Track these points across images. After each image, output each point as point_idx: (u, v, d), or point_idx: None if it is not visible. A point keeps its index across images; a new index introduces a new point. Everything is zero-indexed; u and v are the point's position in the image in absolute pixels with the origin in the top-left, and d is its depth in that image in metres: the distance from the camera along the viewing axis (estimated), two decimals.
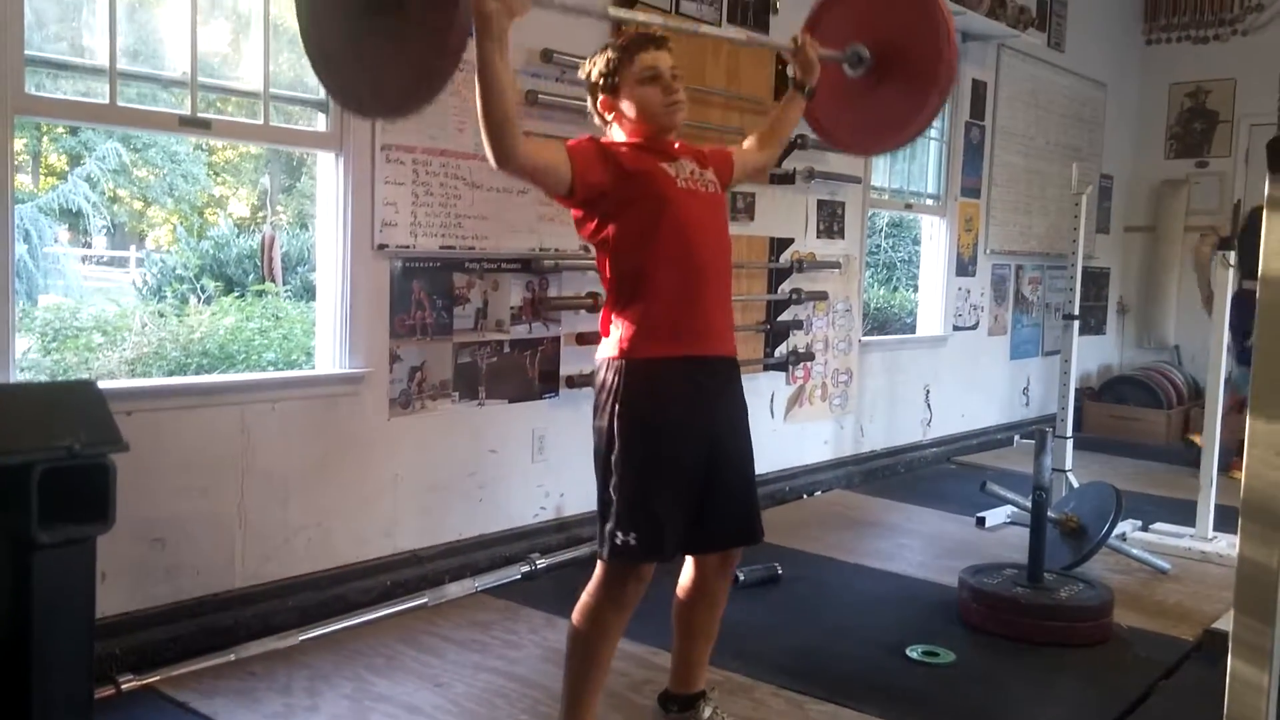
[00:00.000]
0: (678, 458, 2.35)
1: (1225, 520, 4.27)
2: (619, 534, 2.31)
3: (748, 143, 2.85)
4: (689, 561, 2.57)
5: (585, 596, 2.42)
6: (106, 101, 2.94)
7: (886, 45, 2.97)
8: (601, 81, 2.43)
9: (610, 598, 2.38)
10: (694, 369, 2.38)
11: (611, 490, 2.33)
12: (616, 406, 2.33)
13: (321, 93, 3.37)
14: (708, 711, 2.64)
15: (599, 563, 2.40)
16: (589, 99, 2.50)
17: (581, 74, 2.51)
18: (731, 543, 2.53)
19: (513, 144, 2.15)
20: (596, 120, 2.52)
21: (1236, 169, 7.88)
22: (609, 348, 2.39)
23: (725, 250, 2.52)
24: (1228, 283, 4.47)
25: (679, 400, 2.36)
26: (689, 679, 2.65)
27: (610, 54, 2.42)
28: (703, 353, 2.41)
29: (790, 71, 2.95)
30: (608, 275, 2.41)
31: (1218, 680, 1.96)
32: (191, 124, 3.12)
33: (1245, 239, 5.15)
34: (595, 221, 2.39)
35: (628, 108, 2.41)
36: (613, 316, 2.40)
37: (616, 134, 2.47)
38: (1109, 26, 7.92)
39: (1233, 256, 4.50)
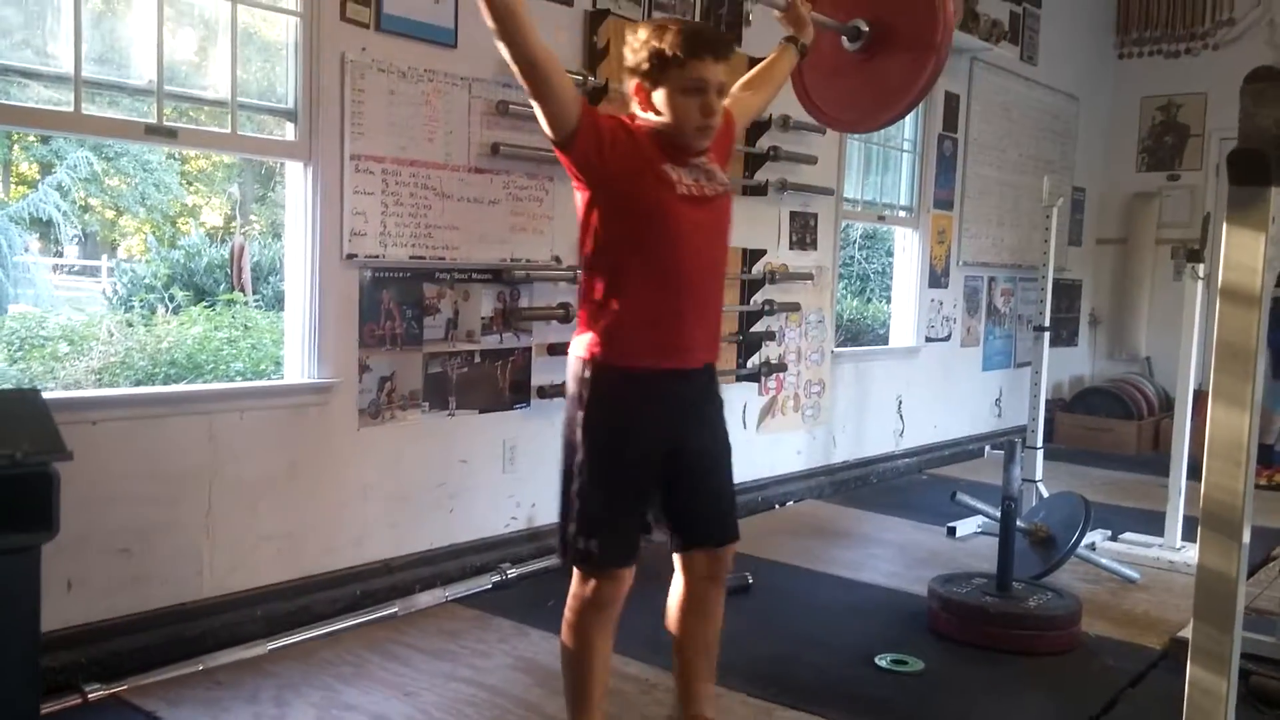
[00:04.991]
0: (641, 466, 2.32)
1: (1194, 530, 4.30)
2: (580, 539, 2.29)
3: (736, 89, 2.68)
4: (677, 573, 2.51)
5: (566, 610, 2.38)
6: (72, 109, 2.92)
7: (882, 18, 3.02)
8: (645, 68, 2.25)
9: (588, 602, 2.33)
10: (665, 380, 2.33)
11: (574, 495, 2.31)
12: (581, 413, 2.30)
13: (291, 102, 3.37)
14: None
15: (573, 571, 2.37)
16: (625, 73, 2.33)
17: (627, 47, 2.31)
18: (711, 541, 2.48)
19: (517, 20, 2.03)
20: (627, 90, 2.35)
21: (1208, 182, 7.95)
22: (580, 347, 2.32)
23: (718, 260, 2.43)
24: (1197, 295, 4.51)
25: (646, 410, 2.31)
26: (694, 702, 2.54)
27: (666, 46, 2.21)
28: (676, 365, 2.34)
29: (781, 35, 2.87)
30: (585, 267, 2.33)
31: (1183, 688, 1.97)
32: (158, 132, 3.10)
33: None
34: (586, 196, 2.29)
35: (661, 107, 2.26)
36: (588, 314, 2.33)
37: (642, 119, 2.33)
38: (1081, 40, 8.00)
39: (1201, 269, 4.54)
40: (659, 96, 2.26)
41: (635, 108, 2.34)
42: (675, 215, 2.27)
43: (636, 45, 2.28)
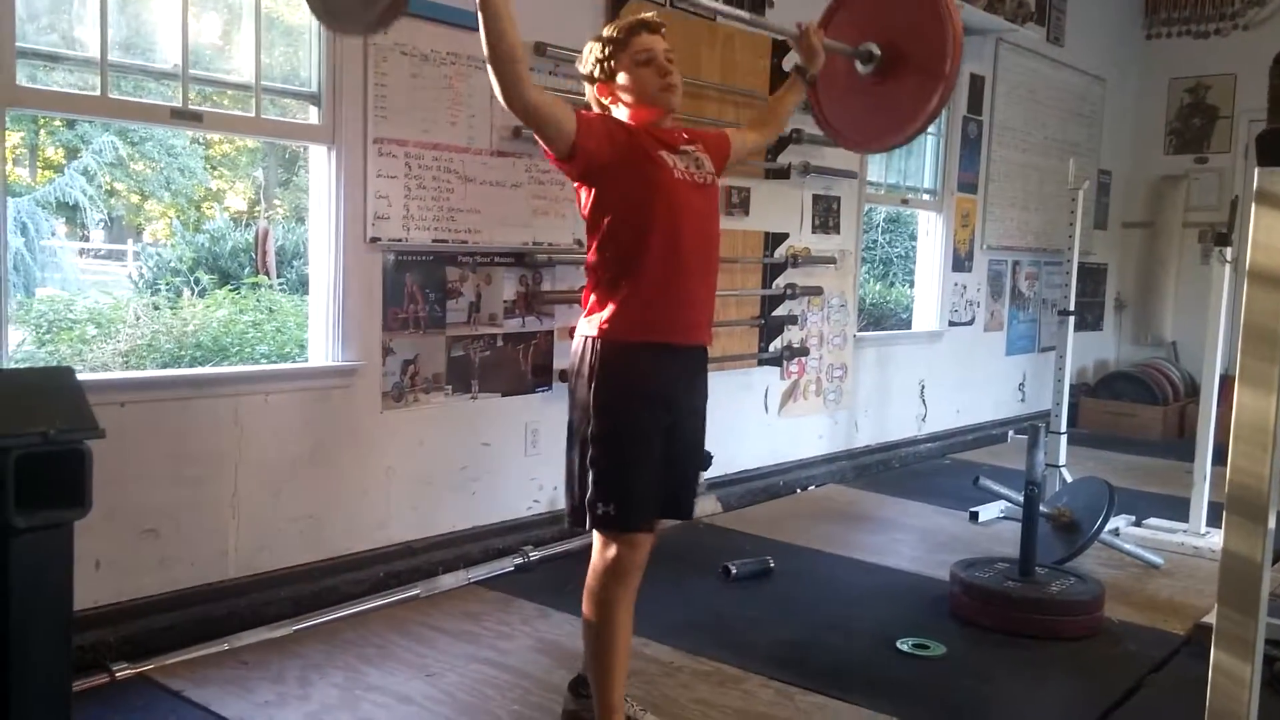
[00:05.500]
0: (649, 434, 2.42)
1: (1219, 516, 4.26)
2: (599, 504, 2.38)
3: (745, 125, 2.96)
4: None
5: (588, 582, 2.46)
6: (98, 93, 2.94)
7: (894, 42, 3.09)
8: (598, 67, 2.49)
9: (609, 571, 2.42)
10: (665, 354, 2.45)
11: (589, 463, 2.40)
12: (593, 385, 2.40)
13: (314, 86, 3.38)
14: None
15: (595, 539, 2.45)
16: (586, 87, 2.57)
17: (579, 64, 2.58)
18: (671, 515, 2.57)
19: (518, 80, 2.20)
20: (594, 108, 2.55)
21: (1236, 165, 7.85)
22: (589, 327, 2.45)
23: (714, 242, 2.58)
24: (1224, 279, 4.47)
25: (652, 380, 2.42)
26: None
27: (606, 38, 2.49)
28: (677, 341, 2.47)
29: (791, 61, 3.05)
30: (594, 253, 2.45)
31: (1207, 674, 1.96)
32: (183, 116, 3.11)
33: None
34: (592, 196, 2.43)
35: (624, 90, 2.48)
36: (594, 295, 2.46)
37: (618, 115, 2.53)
38: (1109, 21, 7.91)
39: (1229, 252, 4.49)
40: (621, 79, 2.48)
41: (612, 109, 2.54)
42: (674, 196, 2.43)
43: (585, 58, 2.53)
